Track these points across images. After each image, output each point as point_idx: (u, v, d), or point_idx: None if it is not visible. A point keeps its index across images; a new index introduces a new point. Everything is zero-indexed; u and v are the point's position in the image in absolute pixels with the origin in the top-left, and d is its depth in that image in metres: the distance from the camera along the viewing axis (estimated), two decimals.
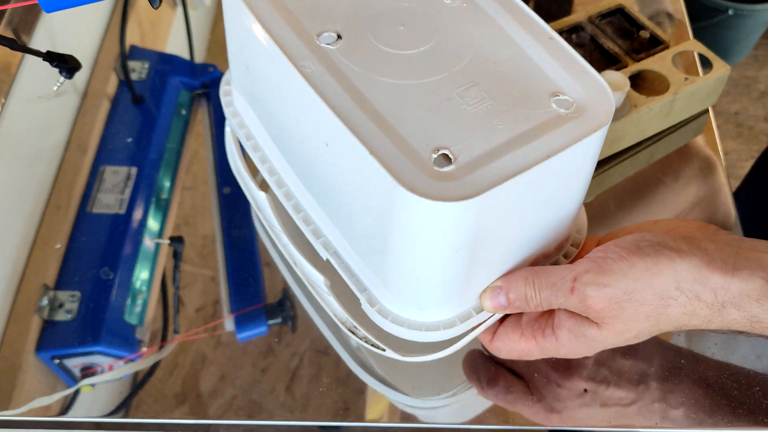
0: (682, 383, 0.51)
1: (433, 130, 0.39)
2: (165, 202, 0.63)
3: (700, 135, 0.67)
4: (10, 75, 0.69)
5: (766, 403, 0.50)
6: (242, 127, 0.53)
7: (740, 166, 1.66)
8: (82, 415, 0.51)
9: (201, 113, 0.70)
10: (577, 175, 0.42)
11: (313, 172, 0.45)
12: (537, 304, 0.43)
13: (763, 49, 1.89)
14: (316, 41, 0.42)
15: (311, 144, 0.43)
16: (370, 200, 0.40)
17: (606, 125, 0.40)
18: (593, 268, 0.41)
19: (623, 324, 0.41)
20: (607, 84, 0.41)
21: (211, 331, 0.55)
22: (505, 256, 0.43)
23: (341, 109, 0.39)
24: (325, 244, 0.47)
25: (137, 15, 0.77)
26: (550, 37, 0.44)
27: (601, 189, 0.63)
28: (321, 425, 0.50)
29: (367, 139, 0.38)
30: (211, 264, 0.58)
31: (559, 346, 0.44)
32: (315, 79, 0.40)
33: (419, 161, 0.37)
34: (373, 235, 0.41)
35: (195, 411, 0.51)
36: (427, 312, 0.44)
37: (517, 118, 0.39)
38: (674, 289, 0.40)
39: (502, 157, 0.38)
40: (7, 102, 0.68)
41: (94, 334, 0.54)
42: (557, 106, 0.40)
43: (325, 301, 0.49)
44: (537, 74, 0.42)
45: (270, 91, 0.46)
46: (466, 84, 0.41)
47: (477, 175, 0.37)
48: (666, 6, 0.79)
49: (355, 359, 0.53)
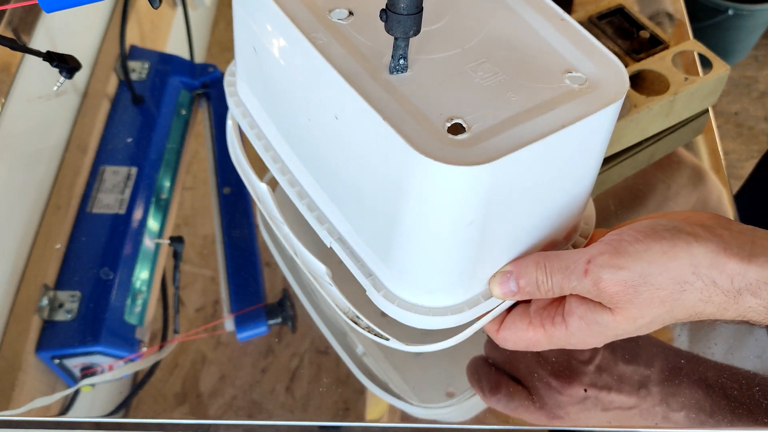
0: (683, 384, 0.51)
1: (447, 100, 0.39)
2: (165, 202, 0.63)
3: (700, 135, 0.67)
4: (10, 75, 0.69)
5: (766, 403, 0.50)
6: (246, 116, 0.53)
7: (740, 166, 1.66)
8: (82, 415, 0.51)
9: (201, 113, 0.70)
10: (589, 153, 0.42)
11: (319, 152, 0.45)
12: (548, 289, 0.42)
13: (763, 49, 1.89)
14: (327, 16, 0.43)
15: (319, 120, 0.43)
16: (380, 172, 0.39)
17: (620, 99, 0.40)
18: (608, 250, 0.40)
19: (638, 309, 0.40)
20: (619, 62, 0.41)
21: (211, 331, 0.55)
22: (515, 238, 0.43)
23: (354, 77, 0.39)
24: (329, 230, 0.47)
25: (137, 15, 0.77)
26: (561, 18, 0.44)
27: (601, 189, 0.63)
28: (321, 425, 0.50)
29: (380, 106, 0.38)
30: (211, 264, 0.58)
31: (569, 335, 0.43)
32: (327, 50, 0.40)
33: (433, 129, 0.37)
34: (381, 212, 0.41)
35: (195, 411, 0.51)
36: (434, 296, 0.43)
37: (531, 91, 0.40)
38: (691, 273, 0.39)
39: (516, 126, 0.38)
40: (7, 102, 0.68)
41: (94, 334, 0.54)
42: (570, 81, 0.40)
43: (327, 291, 0.49)
44: (549, 52, 0.42)
45: (278, 70, 0.46)
46: (479, 59, 0.41)
47: (491, 143, 0.37)
48: (666, 6, 0.79)
49: (354, 360, 0.53)
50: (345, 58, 0.40)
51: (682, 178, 0.64)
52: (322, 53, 0.40)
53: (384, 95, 0.38)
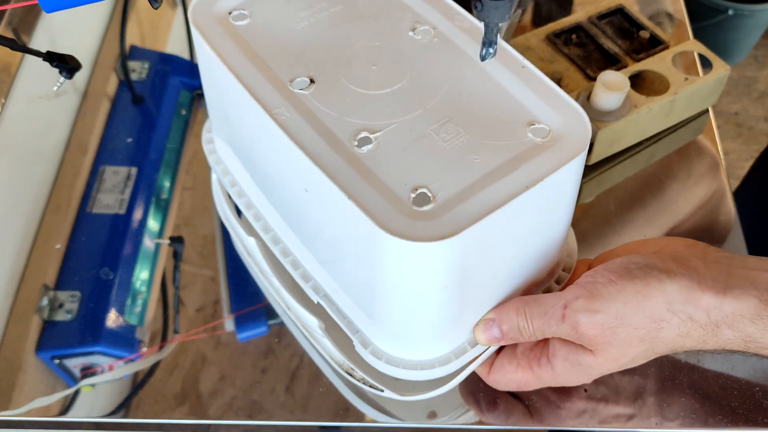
0: (683, 383, 0.51)
1: (411, 169, 0.39)
2: (165, 202, 0.63)
3: (700, 135, 0.67)
4: (10, 75, 0.69)
5: (766, 403, 0.50)
6: (226, 174, 0.53)
7: (740, 166, 1.66)
8: (82, 415, 0.51)
9: (201, 113, 0.70)
10: (559, 202, 0.42)
11: (297, 216, 0.45)
12: (530, 334, 0.42)
13: (763, 49, 1.89)
14: (289, 87, 0.42)
15: (292, 189, 0.43)
16: (352, 244, 0.40)
17: (584, 152, 0.39)
18: (583, 294, 0.40)
19: (617, 349, 0.40)
20: (582, 110, 0.41)
21: (211, 331, 0.55)
22: (494, 288, 0.43)
23: (317, 155, 0.39)
24: (314, 287, 0.47)
25: (137, 15, 0.77)
26: (522, 65, 0.43)
27: (601, 189, 0.63)
28: (321, 425, 0.50)
29: (344, 184, 0.38)
30: (211, 264, 0.58)
31: (555, 375, 0.43)
32: (290, 126, 0.40)
33: (398, 202, 0.37)
34: (359, 278, 0.41)
35: (195, 411, 0.51)
36: (421, 350, 0.43)
37: (494, 150, 0.39)
38: (666, 311, 0.39)
39: (480, 191, 0.37)
40: (7, 102, 0.68)
41: (94, 334, 0.54)
42: (533, 135, 0.40)
43: (319, 343, 0.49)
44: (512, 104, 0.42)
45: (250, 139, 0.46)
46: (441, 119, 0.41)
47: (456, 212, 0.37)
48: (666, 6, 0.79)
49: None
50: (308, 133, 0.40)
51: (682, 179, 0.64)
52: (285, 131, 0.40)
53: (348, 170, 0.38)
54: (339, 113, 0.41)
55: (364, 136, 0.40)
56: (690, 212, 0.62)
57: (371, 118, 0.41)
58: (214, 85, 0.47)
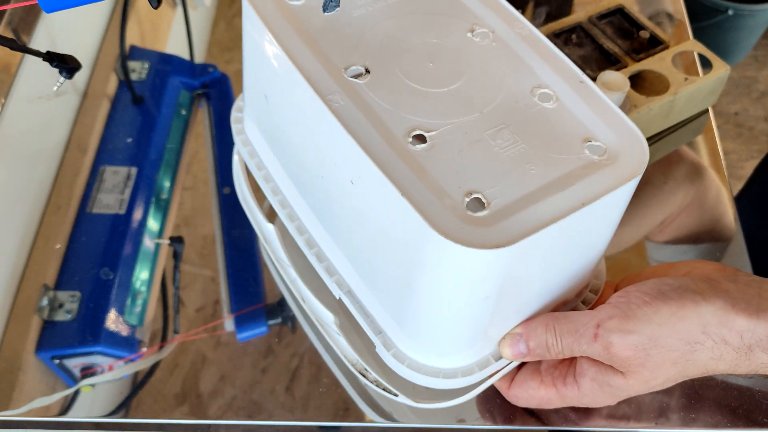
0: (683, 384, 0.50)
1: (465, 172, 0.38)
2: (165, 202, 0.63)
3: (700, 135, 0.67)
4: (10, 75, 0.69)
5: (766, 403, 0.50)
6: (253, 156, 0.51)
7: (740, 166, 1.66)
8: (82, 415, 0.51)
9: (201, 113, 0.70)
10: (607, 223, 0.41)
11: (332, 208, 0.44)
12: (558, 351, 0.41)
13: (763, 49, 1.89)
14: (343, 74, 0.41)
15: (334, 180, 0.42)
16: (396, 241, 0.38)
17: (640, 174, 0.39)
18: (617, 314, 0.39)
19: (650, 372, 0.40)
20: (639, 131, 0.40)
21: (211, 332, 0.55)
22: (527, 303, 0.42)
23: (371, 148, 0.38)
24: (339, 282, 0.45)
25: (137, 15, 0.77)
26: (580, 80, 0.42)
27: None
28: (321, 425, 0.50)
29: (397, 179, 0.36)
30: (211, 264, 0.58)
31: (581, 395, 0.42)
32: (343, 115, 0.39)
33: (451, 204, 0.36)
34: (395, 277, 0.40)
35: (195, 411, 0.51)
36: (445, 358, 0.43)
37: (550, 163, 0.38)
38: (700, 333, 0.39)
39: (536, 203, 0.37)
40: (7, 102, 0.68)
41: (94, 334, 0.54)
42: (590, 152, 0.39)
43: (334, 341, 0.48)
44: (568, 118, 0.41)
45: (291, 124, 0.45)
46: (498, 126, 0.40)
47: (511, 222, 0.36)
48: (666, 6, 0.79)
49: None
50: (362, 123, 0.39)
51: (682, 179, 0.64)
52: (339, 119, 0.38)
53: (402, 165, 0.37)
54: (394, 107, 0.40)
55: (418, 134, 0.39)
56: (689, 213, 0.62)
57: (427, 116, 0.40)
58: (259, 63, 0.46)
